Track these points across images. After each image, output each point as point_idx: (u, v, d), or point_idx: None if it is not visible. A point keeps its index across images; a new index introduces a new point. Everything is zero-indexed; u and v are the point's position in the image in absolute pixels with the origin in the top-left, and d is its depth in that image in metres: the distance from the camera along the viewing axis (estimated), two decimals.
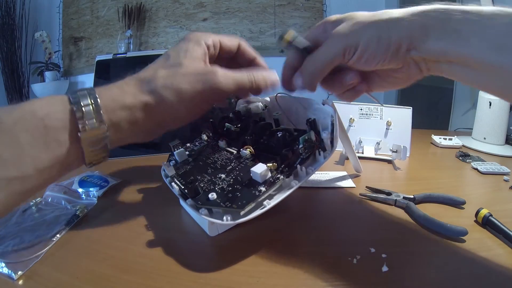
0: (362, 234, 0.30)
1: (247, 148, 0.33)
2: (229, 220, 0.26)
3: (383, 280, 0.23)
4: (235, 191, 0.28)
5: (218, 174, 0.31)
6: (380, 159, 0.51)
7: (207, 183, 0.30)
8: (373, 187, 0.38)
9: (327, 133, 0.30)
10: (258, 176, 0.27)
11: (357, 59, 0.25)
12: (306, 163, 0.30)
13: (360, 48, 0.24)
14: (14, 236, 0.29)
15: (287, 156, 0.29)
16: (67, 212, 0.33)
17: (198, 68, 0.27)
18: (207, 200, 0.27)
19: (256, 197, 0.26)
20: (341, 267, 0.25)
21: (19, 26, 2.01)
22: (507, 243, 0.27)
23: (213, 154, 0.36)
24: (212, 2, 1.93)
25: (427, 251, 0.27)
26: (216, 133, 0.40)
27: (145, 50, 2.04)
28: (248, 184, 0.28)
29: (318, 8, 1.91)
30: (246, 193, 0.27)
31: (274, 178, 0.28)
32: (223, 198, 0.27)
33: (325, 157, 0.30)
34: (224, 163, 0.33)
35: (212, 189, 0.29)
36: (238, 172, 0.31)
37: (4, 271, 0.25)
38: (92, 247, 0.29)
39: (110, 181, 0.42)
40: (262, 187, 0.27)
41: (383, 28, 0.23)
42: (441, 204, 0.35)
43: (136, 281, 0.24)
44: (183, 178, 0.32)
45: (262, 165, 0.28)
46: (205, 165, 0.34)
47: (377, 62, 0.25)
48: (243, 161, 0.32)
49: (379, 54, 0.24)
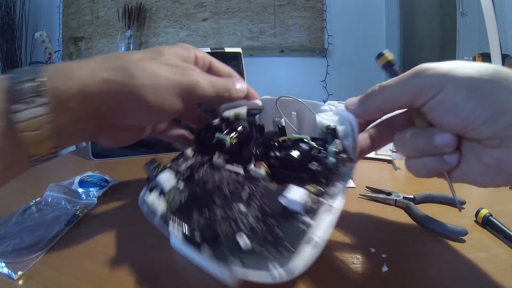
0: (362, 234, 0.30)
1: (260, 165, 0.26)
2: (281, 273, 0.18)
3: (383, 280, 0.23)
4: (271, 228, 0.21)
5: (232, 205, 0.23)
6: (380, 159, 0.51)
7: (224, 220, 0.22)
8: (373, 187, 0.38)
9: (350, 141, 0.26)
10: (298, 205, 0.21)
11: (437, 103, 0.20)
12: (336, 178, 0.24)
13: (444, 92, 0.20)
14: (14, 236, 0.29)
15: (319, 173, 0.23)
16: (67, 212, 0.33)
17: (178, 62, 0.25)
18: (237, 247, 0.20)
19: (303, 232, 0.20)
20: (341, 267, 0.25)
21: (19, 26, 2.01)
22: (507, 243, 0.27)
23: (211, 176, 0.27)
24: (212, 2, 1.93)
25: (427, 251, 0.27)
26: (204, 147, 0.31)
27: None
28: (284, 216, 0.21)
29: (318, 8, 1.91)
30: (289, 229, 0.20)
31: (316, 203, 0.21)
32: (258, 242, 0.20)
33: (351, 169, 0.25)
34: (233, 188, 0.25)
35: (236, 230, 0.21)
36: (260, 201, 0.23)
37: (4, 271, 0.25)
38: (92, 247, 0.29)
39: (110, 181, 0.42)
40: (306, 217, 0.20)
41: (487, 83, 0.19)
42: (441, 204, 0.35)
43: (136, 281, 0.24)
44: (182, 215, 0.24)
45: (299, 189, 0.22)
46: (206, 192, 0.26)
47: (463, 119, 0.19)
48: (259, 183, 0.25)
49: (468, 108, 0.19)
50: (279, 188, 0.23)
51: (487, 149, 0.20)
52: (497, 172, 0.20)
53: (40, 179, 0.46)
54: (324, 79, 1.99)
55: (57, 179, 0.41)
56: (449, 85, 0.20)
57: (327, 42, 1.96)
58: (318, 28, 1.94)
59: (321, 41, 1.96)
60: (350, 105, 0.26)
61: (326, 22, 1.94)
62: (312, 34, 1.95)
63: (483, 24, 0.64)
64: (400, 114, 0.26)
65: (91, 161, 0.53)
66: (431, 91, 0.20)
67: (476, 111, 0.19)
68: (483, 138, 0.20)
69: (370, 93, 0.24)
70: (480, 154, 0.20)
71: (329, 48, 1.98)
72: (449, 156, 0.21)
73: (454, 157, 0.21)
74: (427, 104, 0.21)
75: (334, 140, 0.25)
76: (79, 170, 0.44)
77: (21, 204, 0.35)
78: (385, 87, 0.23)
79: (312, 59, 1.98)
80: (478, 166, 0.21)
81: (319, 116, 0.28)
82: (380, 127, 0.27)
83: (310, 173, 0.23)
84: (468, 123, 0.19)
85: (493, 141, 0.19)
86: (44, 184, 0.39)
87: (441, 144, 0.21)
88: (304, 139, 0.26)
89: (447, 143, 0.21)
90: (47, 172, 0.52)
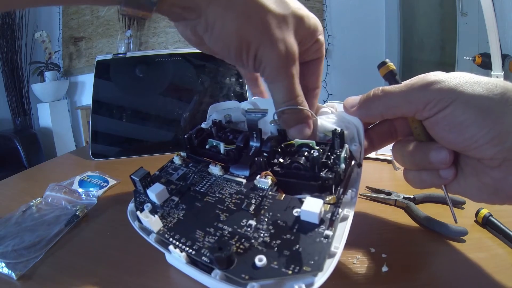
0: (362, 234, 0.30)
1: (267, 175, 0.23)
2: None
3: (383, 280, 0.23)
4: (288, 243, 0.19)
5: (241, 221, 0.21)
6: (380, 159, 0.51)
7: (233, 238, 0.20)
8: (373, 187, 0.38)
9: (358, 146, 0.25)
10: (315, 216, 0.19)
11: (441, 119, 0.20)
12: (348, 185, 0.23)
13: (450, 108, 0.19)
14: (14, 236, 0.29)
15: (331, 181, 0.22)
16: (67, 212, 0.33)
17: (291, 33, 0.23)
18: (254, 268, 0.18)
19: (326, 245, 0.18)
20: (341, 267, 0.25)
21: (19, 26, 2.01)
22: (507, 243, 0.27)
23: (210, 188, 0.25)
24: None
25: (427, 251, 0.27)
26: (197, 154, 0.29)
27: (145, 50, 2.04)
28: (300, 229, 0.20)
29: (318, 8, 1.91)
30: (309, 243, 0.19)
31: (332, 213, 0.20)
32: (278, 260, 0.18)
33: (359, 174, 0.24)
34: (237, 200, 0.23)
35: (248, 247, 0.19)
36: (270, 213, 0.21)
37: (4, 271, 0.25)
38: (92, 247, 0.29)
39: (110, 181, 0.42)
40: (326, 230, 0.19)
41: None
42: (441, 204, 0.35)
43: (136, 281, 0.24)
44: (182, 233, 0.21)
45: (315, 199, 0.20)
46: (206, 206, 0.23)
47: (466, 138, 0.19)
48: (266, 194, 0.23)
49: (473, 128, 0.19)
50: (288, 199, 0.22)
51: (486, 169, 0.20)
52: (494, 191, 0.20)
53: (40, 179, 0.47)
54: (324, 79, 1.99)
55: (57, 179, 0.41)
56: (457, 102, 0.19)
57: (327, 42, 1.96)
58: None
59: None
60: (350, 106, 0.25)
61: (326, 22, 1.94)
62: None
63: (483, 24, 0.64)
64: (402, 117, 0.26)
65: (91, 161, 0.53)
66: (437, 106, 0.20)
67: (481, 131, 0.19)
68: (484, 158, 0.19)
69: (372, 97, 0.24)
70: (479, 173, 0.20)
71: (329, 48, 1.98)
72: (444, 171, 0.22)
73: (450, 173, 0.22)
74: (430, 119, 0.21)
75: (345, 145, 0.24)
76: (79, 170, 0.44)
77: (21, 204, 0.35)
78: (389, 94, 0.23)
79: None
80: (476, 184, 0.21)
81: (320, 119, 0.26)
82: (381, 128, 0.27)
83: (320, 181, 0.22)
84: (470, 142, 0.19)
85: (493, 161, 0.19)
86: (44, 184, 0.39)
87: (436, 160, 0.21)
88: (309, 144, 0.24)
89: (443, 160, 0.21)
90: (47, 172, 0.52)
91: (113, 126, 0.56)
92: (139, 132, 0.56)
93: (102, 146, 0.55)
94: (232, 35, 0.21)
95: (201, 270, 0.20)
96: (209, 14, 0.21)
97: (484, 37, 0.78)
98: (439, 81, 0.20)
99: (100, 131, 0.55)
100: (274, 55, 0.22)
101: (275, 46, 0.22)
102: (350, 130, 0.25)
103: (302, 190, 0.22)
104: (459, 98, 0.19)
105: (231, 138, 0.29)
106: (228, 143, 0.28)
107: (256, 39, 0.21)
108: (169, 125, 0.56)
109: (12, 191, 0.43)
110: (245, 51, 0.22)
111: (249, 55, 0.22)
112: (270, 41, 0.22)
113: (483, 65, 0.95)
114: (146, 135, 0.56)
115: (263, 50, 0.22)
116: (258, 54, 0.22)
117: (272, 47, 0.22)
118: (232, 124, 0.32)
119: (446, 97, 0.20)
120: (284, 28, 0.22)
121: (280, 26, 0.22)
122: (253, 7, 0.21)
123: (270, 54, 0.22)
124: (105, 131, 0.56)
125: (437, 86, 0.20)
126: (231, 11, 0.21)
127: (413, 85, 0.21)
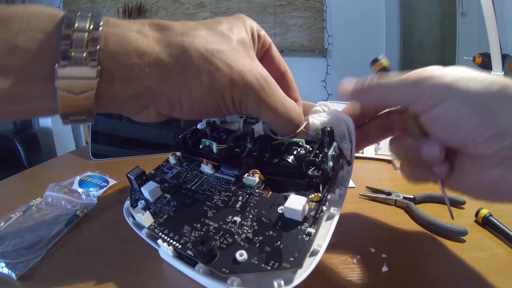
0: (362, 234, 0.30)
1: (255, 173, 0.24)
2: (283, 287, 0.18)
3: (383, 280, 0.23)
4: (270, 240, 0.19)
5: (227, 217, 0.22)
6: (380, 159, 0.51)
7: (218, 234, 0.21)
8: (373, 187, 0.38)
9: (348, 144, 0.24)
10: (298, 214, 0.20)
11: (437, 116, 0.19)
12: (336, 183, 0.23)
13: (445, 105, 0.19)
14: (14, 236, 0.29)
15: (318, 179, 0.22)
16: (67, 212, 0.33)
17: (252, 55, 0.22)
18: (234, 263, 0.18)
19: (308, 243, 0.19)
20: (341, 267, 0.25)
21: None
22: (507, 243, 0.27)
23: (200, 186, 0.26)
24: (212, 2, 1.93)
25: (427, 251, 0.27)
26: (191, 154, 0.30)
27: None
28: (283, 226, 0.20)
29: (318, 8, 1.91)
30: (290, 240, 0.19)
31: (316, 211, 0.20)
32: (258, 256, 0.18)
33: (349, 172, 0.24)
34: (225, 197, 0.24)
35: (231, 243, 0.20)
36: (256, 210, 0.22)
37: (4, 271, 0.25)
38: (92, 247, 0.29)
39: (110, 181, 0.42)
40: (309, 227, 0.19)
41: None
42: (441, 204, 0.35)
43: (136, 281, 0.24)
44: (171, 228, 0.22)
45: (298, 197, 0.20)
46: (196, 203, 0.24)
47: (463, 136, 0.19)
48: (252, 191, 0.24)
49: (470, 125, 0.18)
50: (274, 196, 0.22)
51: (485, 167, 0.19)
52: (493, 190, 0.19)
53: (40, 179, 0.47)
54: (324, 79, 1.99)
55: (57, 179, 0.41)
56: (453, 99, 0.19)
57: (327, 42, 1.96)
58: (318, 28, 1.94)
59: (321, 41, 1.96)
60: (345, 90, 0.24)
61: (326, 22, 1.94)
62: (312, 34, 1.94)
63: (483, 24, 0.64)
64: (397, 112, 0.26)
65: (91, 161, 0.53)
66: (430, 101, 0.20)
67: (478, 130, 0.18)
68: (482, 156, 0.19)
69: (366, 88, 0.23)
70: (478, 171, 0.20)
71: (329, 48, 1.98)
72: (438, 168, 0.21)
73: (443, 169, 0.21)
74: (425, 114, 0.20)
75: (333, 143, 0.24)
76: (79, 170, 0.44)
77: (21, 204, 0.35)
78: (383, 86, 0.22)
79: (312, 59, 1.98)
80: (475, 181, 0.20)
81: (312, 117, 0.26)
82: (377, 123, 0.26)
83: (307, 179, 0.22)
84: (468, 140, 0.19)
85: (493, 160, 0.18)
86: (44, 184, 0.39)
87: (428, 157, 0.21)
88: (299, 143, 0.24)
89: (434, 156, 0.21)
90: (47, 172, 0.52)
91: (113, 126, 0.56)
92: (139, 132, 0.56)
93: (102, 146, 0.55)
94: (205, 97, 0.20)
95: (187, 263, 0.21)
96: (169, 91, 0.20)
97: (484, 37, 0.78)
98: (433, 76, 0.20)
99: (100, 131, 0.55)
100: (250, 90, 0.21)
101: (247, 80, 0.21)
102: (340, 128, 0.25)
103: (290, 188, 0.23)
104: (454, 94, 0.19)
105: (224, 138, 0.29)
106: (221, 143, 0.28)
107: (227, 86, 0.20)
108: (169, 125, 0.56)
109: (12, 191, 0.43)
110: (223, 104, 0.21)
111: (228, 104, 0.21)
112: (241, 77, 0.20)
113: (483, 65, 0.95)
114: (146, 135, 0.56)
115: (238, 91, 0.21)
116: (235, 98, 0.21)
117: (245, 84, 0.21)
118: (226, 124, 0.32)
119: (439, 92, 0.19)
120: (244, 57, 0.21)
121: (239, 60, 0.21)
122: (206, 60, 0.20)
123: (246, 91, 0.21)
124: (105, 131, 0.56)
125: (431, 81, 0.20)
126: (190, 75, 0.20)
127: (408, 78, 0.21)
